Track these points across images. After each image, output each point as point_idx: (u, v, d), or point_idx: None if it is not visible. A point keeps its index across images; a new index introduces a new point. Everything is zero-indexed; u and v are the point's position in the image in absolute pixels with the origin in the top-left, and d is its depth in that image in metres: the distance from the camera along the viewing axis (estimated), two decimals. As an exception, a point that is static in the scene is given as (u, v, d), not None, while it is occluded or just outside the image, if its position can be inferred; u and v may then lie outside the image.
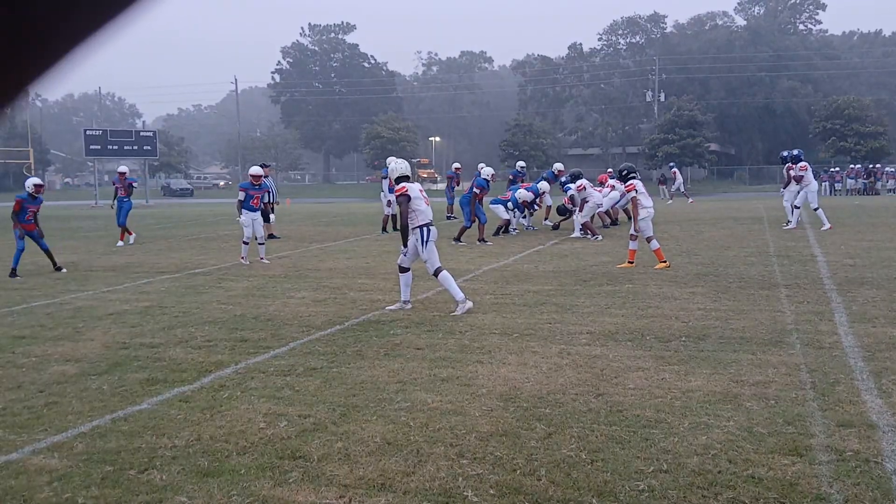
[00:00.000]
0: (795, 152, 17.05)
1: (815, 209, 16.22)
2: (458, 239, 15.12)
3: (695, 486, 3.47)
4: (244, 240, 12.71)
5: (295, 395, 5.10)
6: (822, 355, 5.74)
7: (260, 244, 13.00)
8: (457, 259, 12.68)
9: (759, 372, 5.32)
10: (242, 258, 12.78)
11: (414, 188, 7.93)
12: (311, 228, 21.13)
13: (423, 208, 7.91)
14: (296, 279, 10.75)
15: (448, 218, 21.98)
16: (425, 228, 7.88)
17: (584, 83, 76.97)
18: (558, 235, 16.24)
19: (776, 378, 5.16)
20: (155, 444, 4.21)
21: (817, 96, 64.07)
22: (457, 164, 23.09)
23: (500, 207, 16.73)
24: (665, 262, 10.89)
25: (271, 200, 17.87)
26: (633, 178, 11.31)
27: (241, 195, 12.78)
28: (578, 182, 16.21)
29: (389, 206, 17.91)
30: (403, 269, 8.20)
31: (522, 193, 16.97)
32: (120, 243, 16.78)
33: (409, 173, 8.17)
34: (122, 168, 18.19)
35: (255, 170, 13.04)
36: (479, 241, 15.04)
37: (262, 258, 12.93)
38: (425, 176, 71.56)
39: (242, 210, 12.71)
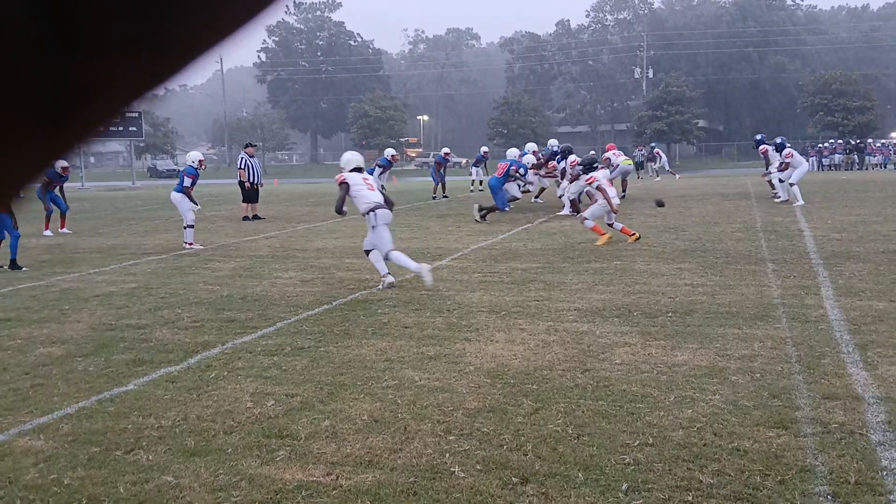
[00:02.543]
0: (779, 140, 16.89)
1: (792, 184, 16.29)
2: (483, 218, 15.12)
3: (680, 459, 3.49)
4: (189, 224, 12.64)
5: (282, 374, 5.09)
6: (807, 329, 5.77)
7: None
8: (445, 238, 12.67)
9: (745, 346, 5.35)
10: (191, 244, 12.61)
11: (355, 177, 8.31)
12: (298, 209, 21.04)
13: (365, 194, 8.22)
14: (283, 259, 10.71)
15: (434, 198, 21.99)
16: (372, 213, 8.12)
17: (573, 60, 76.74)
18: (546, 213, 16.23)
19: (762, 352, 5.19)
20: (141, 424, 4.20)
21: (805, 71, 64.08)
22: (446, 149, 23.70)
23: (514, 185, 16.55)
24: (606, 234, 11.00)
25: (257, 181, 17.73)
26: (596, 169, 11.47)
27: (189, 181, 12.78)
28: (589, 175, 15.79)
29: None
30: (367, 252, 8.35)
31: (529, 158, 17.27)
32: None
33: (361, 165, 8.56)
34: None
35: (196, 154, 13.50)
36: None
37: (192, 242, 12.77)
38: (414, 155, 71.33)
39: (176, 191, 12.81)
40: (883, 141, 46.35)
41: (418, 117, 78.01)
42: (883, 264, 8.51)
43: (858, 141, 45.24)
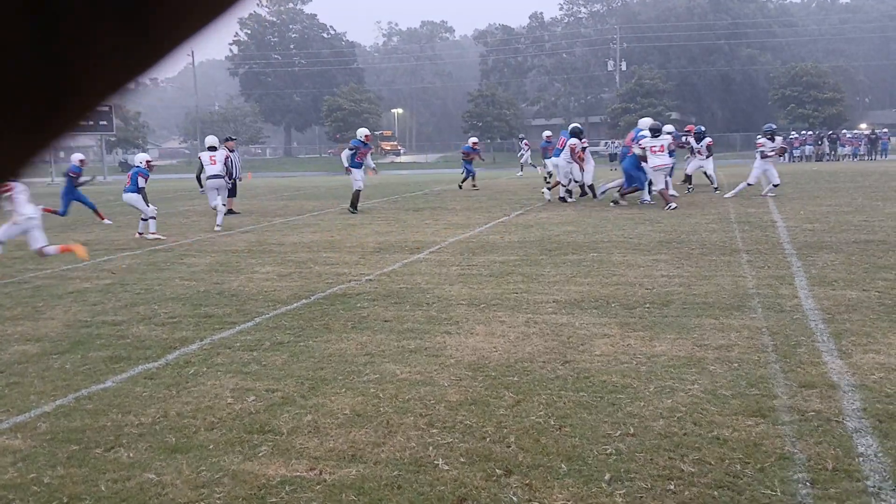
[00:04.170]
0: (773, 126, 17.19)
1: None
2: (620, 200, 15.65)
3: (661, 449, 3.53)
4: (153, 216, 13.08)
5: (262, 369, 5.06)
6: (783, 318, 5.85)
7: (144, 219, 13.23)
8: (422, 231, 12.67)
9: (722, 336, 5.41)
10: (157, 235, 13.02)
11: (204, 155, 13.37)
12: (273, 203, 20.92)
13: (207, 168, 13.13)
14: (260, 254, 10.65)
15: (460, 187, 23.15)
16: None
17: (546, 53, 76.92)
18: (522, 206, 16.27)
19: (739, 341, 5.25)
20: (121, 422, 4.16)
21: (776, 64, 64.76)
22: (474, 139, 23.57)
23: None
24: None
25: (236, 176, 17.62)
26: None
27: (143, 181, 13.13)
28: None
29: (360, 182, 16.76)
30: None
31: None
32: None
33: (214, 145, 13.01)
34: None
35: (144, 156, 13.74)
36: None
37: (144, 233, 13.18)
38: (388, 148, 71.14)
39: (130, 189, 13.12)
40: (855, 132, 46.95)
41: (392, 110, 77.78)
42: (855, 254, 8.65)
43: (831, 132, 45.82)
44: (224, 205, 14.92)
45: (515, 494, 3.17)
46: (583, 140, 16.68)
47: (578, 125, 17.62)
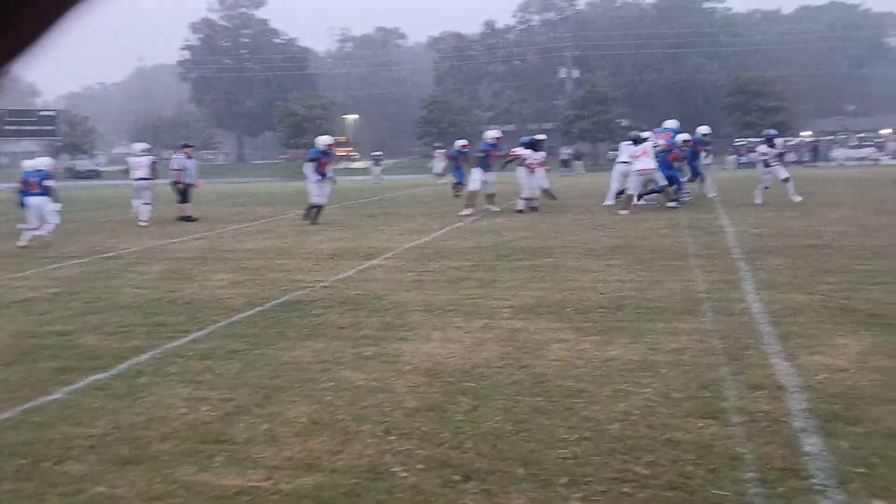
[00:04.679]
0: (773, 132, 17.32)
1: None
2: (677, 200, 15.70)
3: (616, 452, 3.58)
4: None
5: (216, 378, 5.00)
6: (732, 322, 5.98)
7: (31, 229, 12.99)
8: (377, 237, 12.64)
9: (674, 339, 5.51)
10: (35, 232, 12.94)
11: (133, 160, 13.26)
12: (226, 209, 20.68)
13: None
14: (213, 261, 10.51)
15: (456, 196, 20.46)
16: None
17: (499, 60, 77.43)
18: (477, 211, 16.34)
19: (690, 345, 5.35)
20: (71, 434, 4.06)
21: (723, 73, 66.15)
22: (464, 141, 21.32)
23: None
24: None
25: (190, 182, 17.43)
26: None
27: (52, 182, 13.25)
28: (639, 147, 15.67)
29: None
30: None
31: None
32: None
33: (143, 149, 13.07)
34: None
35: (48, 160, 13.88)
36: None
37: (35, 235, 12.99)
38: (343, 154, 70.75)
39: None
40: (797, 140, 48.17)
41: (346, 116, 77.45)
42: (800, 258, 8.88)
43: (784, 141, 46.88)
44: (147, 203, 15.76)
45: (473, 500, 3.19)
46: (538, 150, 16.70)
47: (535, 137, 17.60)
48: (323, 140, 15.50)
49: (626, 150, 16.87)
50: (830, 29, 74.10)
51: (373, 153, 39.00)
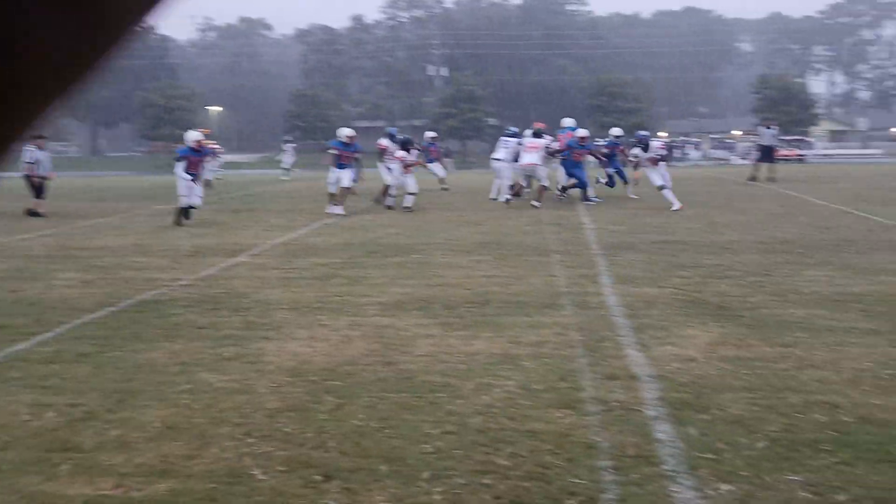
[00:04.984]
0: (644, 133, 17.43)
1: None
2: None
3: (478, 444, 3.63)
4: None
5: (63, 383, 4.69)
6: (590, 315, 6.21)
7: None
8: (241, 233, 12.29)
9: (535, 333, 5.66)
10: None
11: None
12: (78, 204, 19.52)
13: None
14: (61, 259, 9.88)
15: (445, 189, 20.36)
16: None
17: (368, 55, 77.11)
18: (346, 208, 16.19)
19: (550, 338, 5.51)
20: None
21: (585, 75, 68.68)
22: (432, 133, 20.52)
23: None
24: None
25: (43, 175, 16.39)
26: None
27: None
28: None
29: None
30: None
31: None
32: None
33: None
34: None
35: None
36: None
37: None
38: (213, 147, 68.49)
39: None
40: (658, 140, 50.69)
41: (209, 108, 74.87)
42: (654, 253, 9.34)
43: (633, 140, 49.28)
44: None
45: (335, 500, 3.15)
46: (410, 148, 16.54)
47: (392, 131, 17.59)
48: (191, 136, 13.85)
49: (504, 146, 17.29)
50: (686, 34, 78.36)
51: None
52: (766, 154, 22.78)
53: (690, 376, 4.58)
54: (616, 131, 19.42)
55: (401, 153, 15.96)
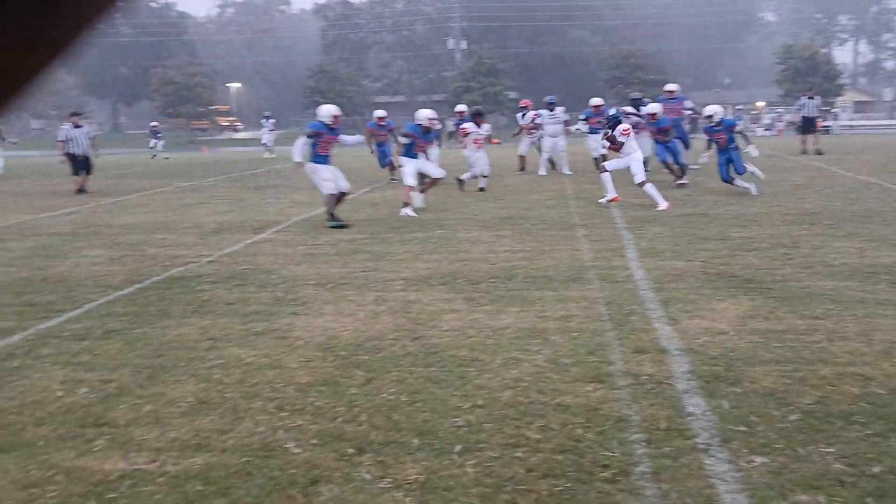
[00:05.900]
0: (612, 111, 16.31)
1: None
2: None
3: (509, 418, 3.64)
4: None
5: (94, 359, 4.76)
6: (616, 289, 6.18)
7: None
8: (265, 210, 12.33)
9: (562, 307, 5.64)
10: None
11: None
12: (101, 181, 19.65)
13: None
14: (87, 236, 9.98)
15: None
16: None
17: (388, 29, 76.65)
18: (371, 184, 16.19)
19: (577, 312, 5.49)
20: (-68, 424, 3.78)
21: (605, 46, 67.88)
22: (381, 113, 16.75)
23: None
24: None
25: (83, 152, 16.54)
26: None
27: None
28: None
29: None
30: None
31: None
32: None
33: None
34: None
35: None
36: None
37: None
38: (226, 124, 68.65)
39: None
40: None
41: (228, 84, 74.90)
42: (679, 227, 9.26)
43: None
44: None
45: (368, 472, 3.17)
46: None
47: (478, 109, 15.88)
48: (326, 110, 10.71)
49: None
50: (708, 3, 77.08)
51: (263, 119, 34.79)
52: (809, 125, 22.32)
53: (721, 349, 4.55)
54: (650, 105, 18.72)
55: (468, 126, 14.40)
